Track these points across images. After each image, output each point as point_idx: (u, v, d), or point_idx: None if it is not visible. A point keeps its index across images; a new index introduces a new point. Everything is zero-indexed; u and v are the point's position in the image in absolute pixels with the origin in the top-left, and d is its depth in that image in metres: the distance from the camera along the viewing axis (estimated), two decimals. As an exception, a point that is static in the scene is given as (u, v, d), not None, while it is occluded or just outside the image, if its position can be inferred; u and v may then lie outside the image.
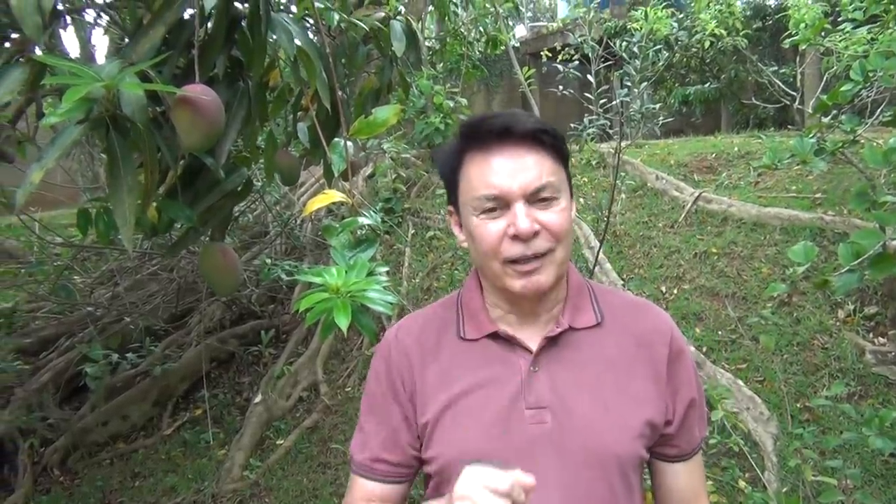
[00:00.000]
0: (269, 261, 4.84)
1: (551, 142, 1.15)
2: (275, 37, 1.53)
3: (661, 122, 3.13)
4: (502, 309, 1.22)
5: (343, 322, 1.14)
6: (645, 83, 2.96)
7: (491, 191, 1.11)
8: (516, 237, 1.10)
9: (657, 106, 3.05)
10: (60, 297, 5.01)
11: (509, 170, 1.11)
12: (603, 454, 1.13)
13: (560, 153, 1.17)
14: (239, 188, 1.73)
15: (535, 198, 1.11)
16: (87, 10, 2.48)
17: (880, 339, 4.24)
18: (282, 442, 4.70)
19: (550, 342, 1.19)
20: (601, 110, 3.38)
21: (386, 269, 1.41)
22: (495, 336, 1.21)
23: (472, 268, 1.30)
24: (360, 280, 1.24)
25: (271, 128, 2.03)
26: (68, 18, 2.29)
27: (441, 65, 8.36)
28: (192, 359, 5.35)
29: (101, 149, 1.30)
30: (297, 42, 1.51)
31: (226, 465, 4.45)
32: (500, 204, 1.11)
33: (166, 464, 4.71)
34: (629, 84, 3.00)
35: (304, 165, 2.31)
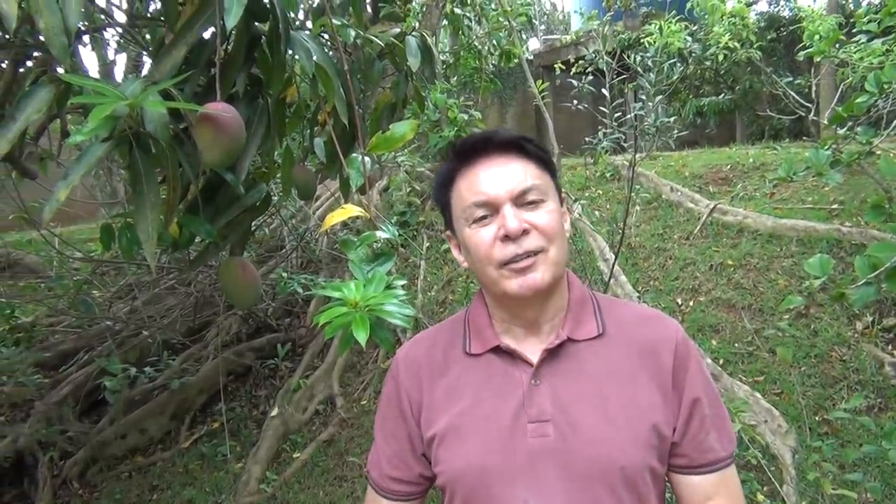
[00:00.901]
0: (285, 274, 4.86)
1: (533, 150, 1.20)
2: (293, 54, 1.56)
3: (676, 135, 3.13)
4: (506, 322, 1.24)
5: (362, 336, 1.16)
6: (660, 96, 2.96)
7: (479, 198, 1.15)
8: (507, 237, 1.12)
9: (672, 119, 3.06)
10: (80, 312, 5.05)
11: (495, 176, 1.16)
12: (607, 466, 1.12)
13: (544, 162, 1.22)
14: (258, 203, 1.75)
15: (523, 200, 1.15)
16: (107, 29, 2.53)
17: (899, 350, 4.21)
18: (298, 455, 4.71)
19: (551, 354, 1.19)
20: (616, 124, 3.39)
21: (403, 282, 1.42)
22: (498, 350, 1.22)
23: (479, 288, 1.32)
24: (378, 294, 1.25)
25: (288, 143, 2.06)
26: (87, 38, 2.34)
27: (455, 78, 8.40)
28: (209, 372, 5.37)
29: (121, 165, 1.32)
30: (315, 59, 1.54)
31: (243, 479, 4.46)
32: (490, 210, 1.15)
33: (184, 477, 4.73)
34: (643, 97, 3.01)
35: (320, 180, 2.34)
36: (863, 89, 2.53)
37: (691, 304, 5.09)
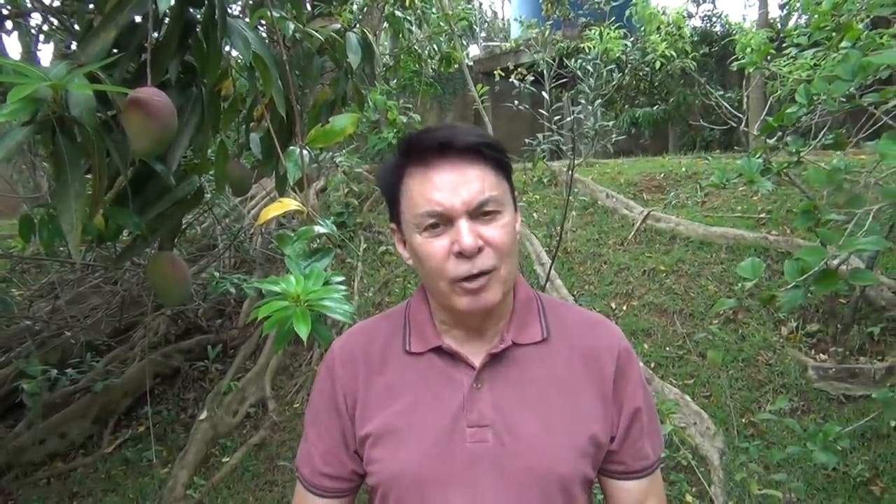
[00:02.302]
0: (217, 274, 4.74)
1: (493, 154, 1.12)
2: (230, 43, 1.51)
3: (614, 140, 3.18)
4: (448, 324, 1.20)
5: (303, 331, 1.12)
6: (599, 100, 3.00)
7: (433, 207, 1.08)
8: (461, 254, 1.07)
9: (610, 123, 3.10)
10: (-3, 311, 4.83)
11: (451, 185, 1.08)
12: (545, 474, 1.10)
13: (502, 165, 1.15)
14: (189, 196, 1.69)
15: (478, 212, 1.08)
16: (33, 15, 2.41)
17: (822, 355, 4.36)
18: (227, 459, 4.59)
19: (494, 358, 1.16)
20: (556, 127, 3.42)
21: (342, 278, 1.38)
22: (439, 351, 1.18)
23: (421, 283, 1.27)
24: (317, 289, 1.22)
25: (222, 138, 2.00)
26: (10, 24, 2.22)
27: (395, 81, 8.37)
28: (135, 374, 5.20)
29: (45, 155, 1.24)
30: (253, 49, 1.49)
31: (169, 484, 4.32)
32: (443, 220, 1.08)
33: (106, 483, 4.55)
34: (583, 101, 3.05)
35: (255, 178, 2.28)
36: (792, 101, 2.60)
37: (625, 308, 5.18)
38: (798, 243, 5.11)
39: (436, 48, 8.05)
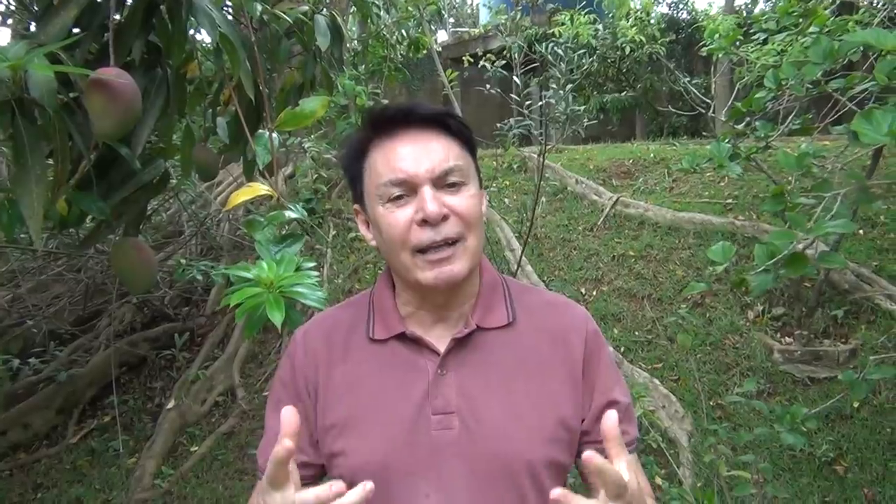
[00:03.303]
0: (183, 261, 4.66)
1: (457, 127, 1.12)
2: (196, 23, 1.46)
3: (585, 124, 3.18)
4: (413, 306, 1.18)
5: (277, 318, 1.10)
6: (570, 85, 2.99)
7: (397, 175, 1.06)
8: (425, 222, 1.05)
9: (581, 108, 3.10)
10: (-45, 299, 4.72)
11: (415, 153, 1.07)
12: (512, 460, 1.08)
13: (467, 141, 1.14)
14: (155, 181, 1.64)
15: (443, 182, 1.07)
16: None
17: (787, 338, 4.43)
18: (196, 449, 4.55)
19: (458, 344, 1.14)
20: (527, 111, 3.41)
21: (313, 263, 1.36)
22: (403, 337, 1.16)
23: (385, 267, 1.24)
24: (289, 275, 1.19)
25: (188, 122, 1.95)
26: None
27: (363, 66, 8.29)
28: (100, 363, 5.11)
29: (4, 139, 1.20)
30: (220, 29, 1.45)
31: (136, 474, 4.27)
32: (407, 189, 1.07)
33: (71, 474, 4.49)
34: (554, 86, 3.04)
35: (222, 162, 2.23)
36: (760, 86, 2.62)
37: (594, 293, 5.21)
38: (764, 228, 5.19)
39: (404, 33, 7.99)
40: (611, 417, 0.88)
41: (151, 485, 4.20)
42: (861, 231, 5.11)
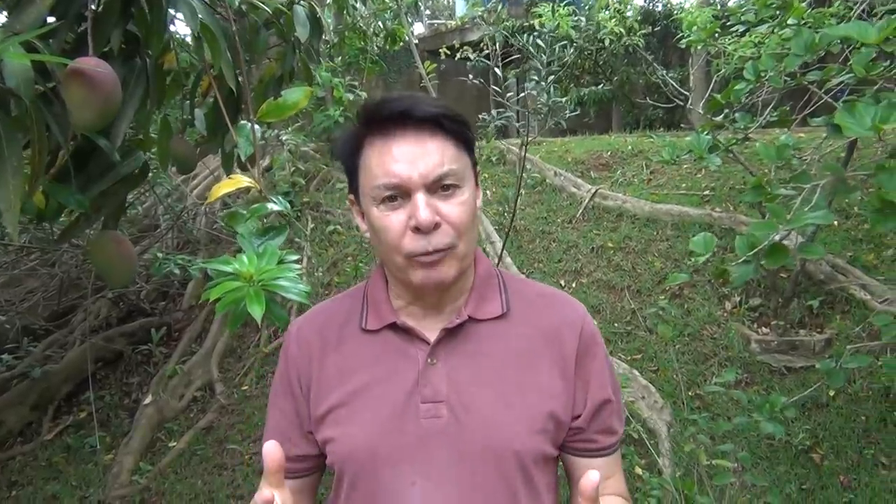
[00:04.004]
0: (160, 255, 4.61)
1: (454, 127, 1.10)
2: (175, 12, 1.44)
3: (567, 116, 3.18)
4: (405, 300, 1.18)
5: (258, 312, 1.08)
6: (552, 77, 3.00)
7: (391, 179, 1.05)
8: (417, 229, 1.05)
9: (563, 100, 3.11)
10: (-74, 295, 4.63)
11: (409, 157, 1.05)
12: (501, 450, 1.09)
13: (464, 139, 1.12)
14: (135, 173, 1.62)
15: (437, 186, 1.06)
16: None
17: (764, 329, 4.48)
18: (174, 444, 4.51)
19: (449, 334, 1.14)
20: (509, 102, 3.41)
21: (296, 256, 1.35)
22: (395, 327, 1.16)
23: (379, 260, 1.24)
24: (271, 268, 1.18)
25: (165, 113, 1.92)
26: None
27: (339, 58, 8.24)
28: (75, 359, 5.05)
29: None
30: (201, 18, 1.43)
31: (113, 471, 4.22)
32: (401, 193, 1.06)
33: (47, 471, 4.43)
34: (535, 78, 3.04)
35: (199, 154, 2.21)
36: (737, 78, 2.64)
37: (574, 285, 5.23)
38: (741, 219, 5.24)
39: (381, 25, 7.95)
40: (591, 477, 0.88)
41: (129, 481, 4.16)
42: (836, 222, 5.18)
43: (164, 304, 5.97)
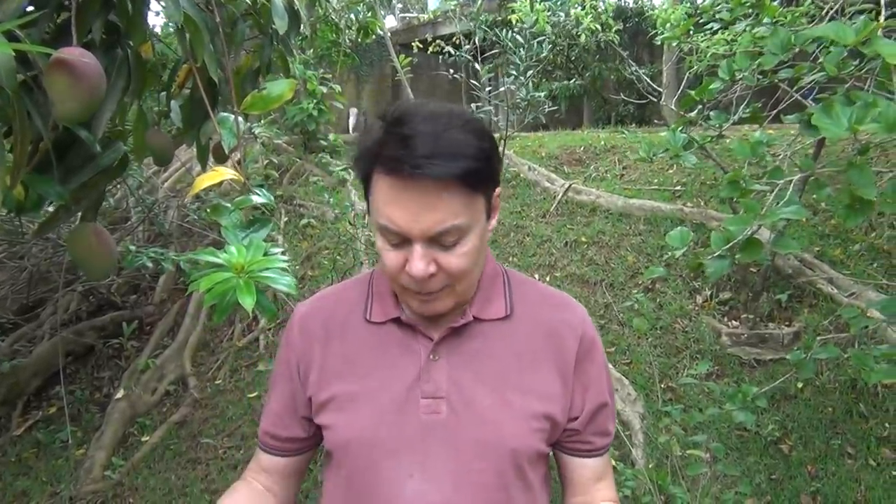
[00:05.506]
0: (132, 247, 4.55)
1: (473, 180, 1.02)
2: (157, 3, 1.43)
3: (546, 111, 3.20)
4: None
5: (248, 302, 1.08)
6: (531, 71, 3.02)
7: (390, 225, 1.01)
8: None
9: (542, 94, 3.12)
10: None
11: (414, 208, 0.99)
12: (498, 447, 1.11)
13: (480, 180, 1.04)
14: (114, 165, 1.60)
15: (437, 240, 1.02)
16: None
17: (734, 322, 4.56)
18: (147, 438, 4.47)
19: (453, 332, 1.16)
20: (488, 97, 3.43)
21: (281, 249, 1.35)
22: (399, 321, 1.18)
23: None
24: (259, 259, 1.18)
25: (141, 105, 1.90)
26: None
27: (312, 51, 8.20)
28: (45, 353, 4.98)
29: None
30: (184, 9, 1.42)
31: (85, 466, 4.18)
32: (401, 239, 1.03)
33: (16, 466, 4.36)
34: (514, 73, 3.06)
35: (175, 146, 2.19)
36: (709, 76, 2.68)
37: (548, 279, 5.27)
38: (712, 215, 5.31)
39: (353, 18, 7.91)
40: None
41: (101, 476, 4.12)
42: (803, 218, 5.26)
43: (135, 297, 5.90)
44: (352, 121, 12.44)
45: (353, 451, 1.14)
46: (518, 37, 3.05)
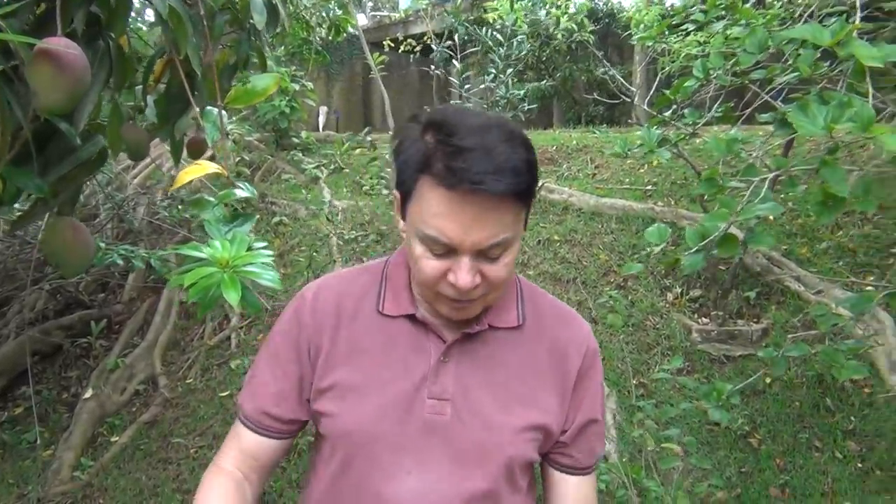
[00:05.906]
0: (102, 245, 4.48)
1: (524, 196, 1.03)
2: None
3: (526, 108, 3.22)
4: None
5: (234, 297, 1.08)
6: (510, 70, 3.03)
7: (440, 237, 1.01)
8: (454, 285, 1.04)
9: (522, 93, 3.14)
10: None
11: (467, 221, 0.99)
12: (496, 453, 1.12)
13: (531, 192, 1.05)
14: (93, 158, 1.58)
15: (484, 252, 1.03)
16: None
17: (704, 319, 4.63)
18: (117, 439, 4.41)
19: (466, 336, 1.16)
20: (466, 95, 3.44)
21: (265, 243, 1.34)
22: (413, 318, 1.17)
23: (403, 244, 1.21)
24: (244, 254, 1.18)
25: (116, 99, 1.88)
26: None
27: (282, 48, 8.15)
28: (10, 353, 4.89)
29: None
30: (169, 2, 1.40)
31: (53, 467, 4.11)
32: (447, 250, 1.02)
33: (-18, 468, 4.28)
34: (493, 71, 3.07)
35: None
36: (683, 76, 2.72)
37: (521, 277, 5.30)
38: (682, 213, 5.39)
39: (324, 15, 7.86)
40: None
41: (70, 477, 4.05)
42: (771, 216, 5.36)
43: (103, 296, 5.82)
44: (321, 119, 12.37)
45: (351, 441, 1.14)
46: (498, 35, 3.06)
